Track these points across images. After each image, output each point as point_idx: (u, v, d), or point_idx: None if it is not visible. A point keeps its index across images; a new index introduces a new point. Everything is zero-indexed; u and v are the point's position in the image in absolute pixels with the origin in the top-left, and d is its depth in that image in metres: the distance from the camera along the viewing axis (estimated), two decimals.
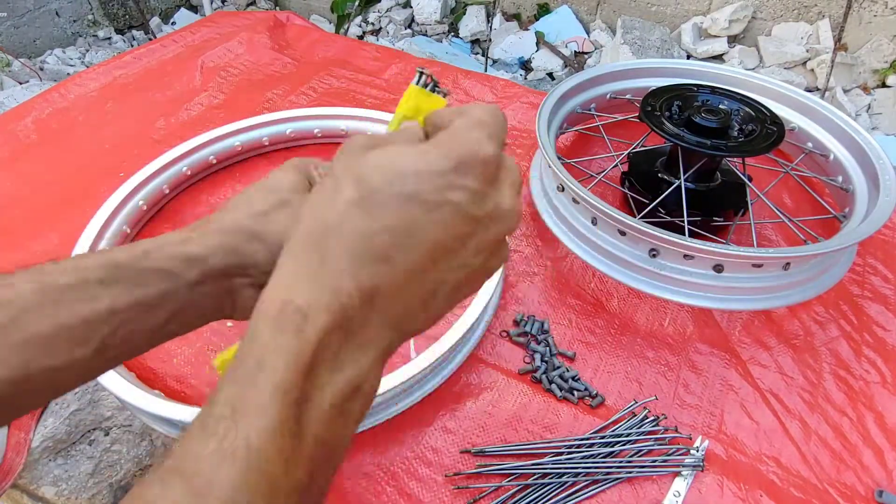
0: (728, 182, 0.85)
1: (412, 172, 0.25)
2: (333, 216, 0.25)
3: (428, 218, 0.25)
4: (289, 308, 0.24)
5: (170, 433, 0.64)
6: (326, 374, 0.24)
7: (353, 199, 0.25)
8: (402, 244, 0.25)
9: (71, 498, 0.73)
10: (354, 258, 0.24)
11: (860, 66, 2.26)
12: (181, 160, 0.90)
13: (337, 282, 0.24)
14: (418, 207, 0.25)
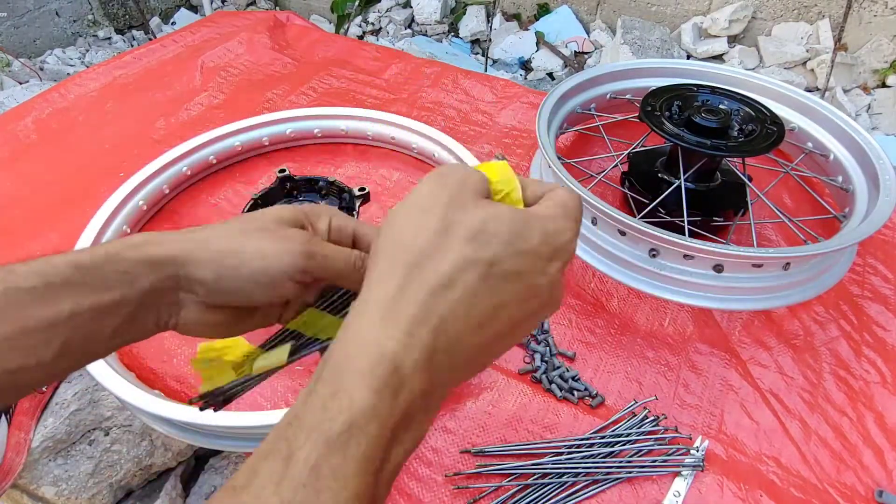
0: (728, 182, 0.85)
1: (529, 250, 0.26)
2: (447, 270, 0.25)
3: (525, 295, 0.26)
4: (386, 366, 0.23)
5: (170, 433, 0.64)
6: (404, 435, 0.24)
7: (471, 259, 0.25)
8: (498, 316, 0.26)
9: (71, 498, 0.73)
10: (456, 321, 0.24)
11: (860, 66, 2.26)
12: (181, 160, 0.90)
13: (435, 342, 0.24)
14: (523, 286, 0.26)
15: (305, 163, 1.00)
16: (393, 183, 0.96)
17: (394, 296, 0.25)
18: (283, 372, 0.70)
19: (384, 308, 0.24)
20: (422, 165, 0.99)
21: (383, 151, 1.02)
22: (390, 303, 0.24)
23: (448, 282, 0.25)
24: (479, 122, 1.10)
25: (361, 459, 0.22)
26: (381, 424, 0.22)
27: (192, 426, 0.62)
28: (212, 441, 0.63)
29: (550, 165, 0.76)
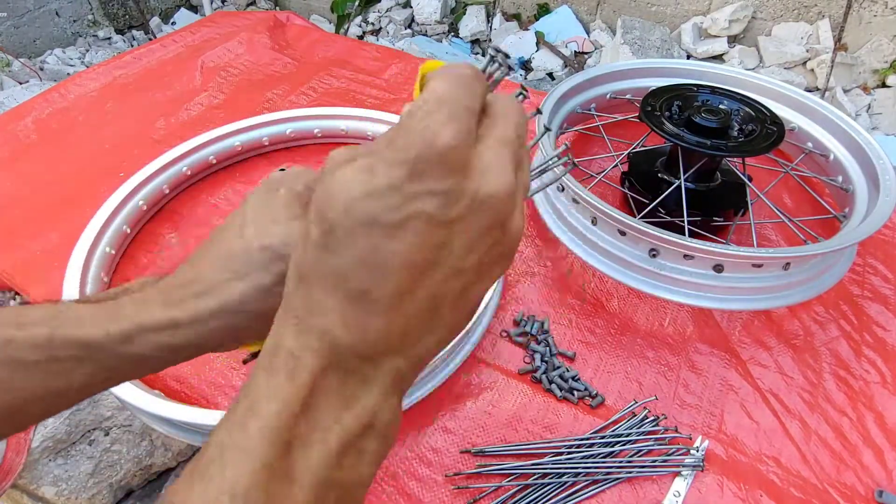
0: (728, 182, 0.85)
1: (362, 195, 0.22)
2: (308, 261, 0.23)
3: (394, 240, 0.22)
4: (280, 352, 0.23)
5: (169, 433, 0.64)
6: (330, 414, 0.23)
7: (318, 241, 0.23)
8: (376, 274, 0.22)
9: (71, 498, 0.73)
10: (335, 298, 0.23)
11: (860, 66, 2.26)
12: (181, 160, 0.90)
13: (323, 323, 0.23)
14: (380, 232, 0.22)
15: (305, 162, 1.00)
16: None
17: (285, 297, 0.24)
18: None
19: (280, 311, 0.24)
20: None
21: None
22: (283, 305, 0.24)
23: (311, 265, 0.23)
24: None
25: (261, 433, 0.21)
26: (280, 403, 0.22)
27: (192, 426, 0.62)
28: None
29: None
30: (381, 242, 0.22)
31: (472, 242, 0.23)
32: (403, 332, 0.24)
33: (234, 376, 0.69)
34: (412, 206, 0.22)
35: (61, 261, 0.74)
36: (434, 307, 0.24)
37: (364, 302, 0.23)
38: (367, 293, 0.23)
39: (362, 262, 0.22)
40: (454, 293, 0.24)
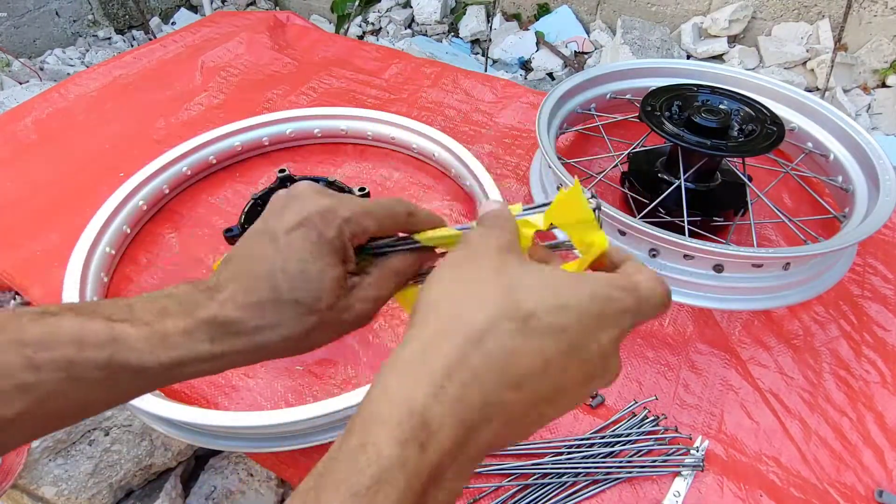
0: (728, 182, 0.85)
1: (572, 310, 0.25)
2: (479, 324, 0.24)
3: (570, 356, 0.25)
4: (414, 419, 0.22)
5: (169, 433, 0.64)
6: (436, 491, 0.23)
7: (507, 312, 0.24)
8: (539, 375, 0.24)
9: (71, 498, 0.73)
10: (489, 374, 0.23)
11: (860, 66, 2.26)
12: (181, 160, 0.90)
13: (466, 395, 0.23)
14: (566, 344, 0.24)
15: (306, 162, 1.00)
16: (393, 183, 0.96)
17: (424, 349, 0.24)
18: (282, 372, 0.70)
19: (414, 361, 0.24)
20: (422, 165, 0.99)
21: (383, 151, 1.02)
22: (420, 356, 0.24)
23: (480, 334, 0.24)
24: (479, 122, 1.10)
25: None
26: (409, 477, 0.22)
27: (193, 426, 0.62)
28: (212, 441, 0.63)
29: (550, 165, 0.76)
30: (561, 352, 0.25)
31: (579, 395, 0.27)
32: (516, 430, 0.25)
33: (234, 376, 0.69)
34: (588, 349, 0.25)
35: (61, 261, 0.74)
36: (541, 419, 0.26)
37: (513, 391, 0.24)
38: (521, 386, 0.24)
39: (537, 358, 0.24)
40: (552, 417, 0.27)
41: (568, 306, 0.25)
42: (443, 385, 0.23)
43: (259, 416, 0.58)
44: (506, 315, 0.24)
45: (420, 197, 0.94)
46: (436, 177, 0.97)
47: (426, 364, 0.24)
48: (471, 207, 0.91)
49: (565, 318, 0.25)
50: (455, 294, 0.26)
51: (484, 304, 0.25)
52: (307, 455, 0.64)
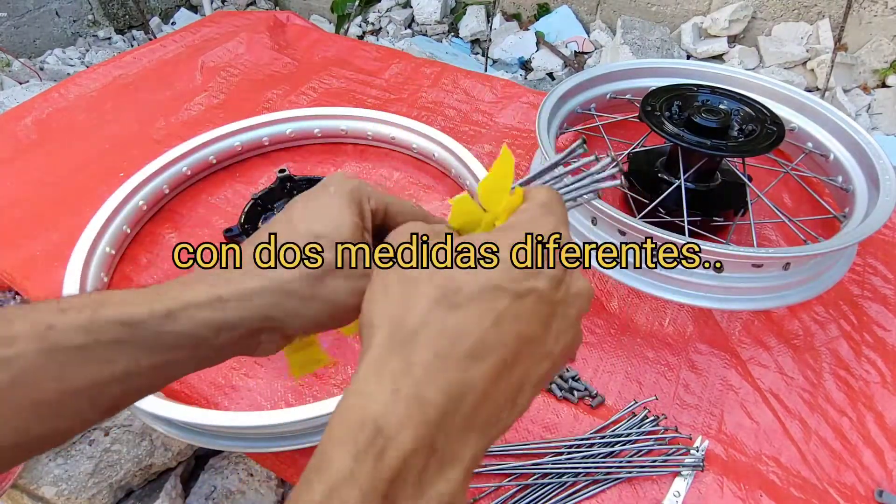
0: (728, 182, 0.85)
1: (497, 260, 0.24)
2: (415, 316, 0.23)
3: (515, 308, 0.24)
4: (367, 428, 0.22)
5: (169, 433, 0.64)
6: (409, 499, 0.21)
7: (436, 296, 0.24)
8: (491, 339, 0.23)
9: (71, 498, 0.73)
10: (440, 360, 0.23)
11: (860, 66, 2.26)
12: (181, 160, 0.90)
13: (421, 391, 0.22)
14: (505, 298, 0.24)
15: (306, 163, 1.00)
16: (393, 182, 0.96)
17: (375, 363, 0.23)
18: (282, 372, 0.70)
19: (368, 378, 0.23)
20: (421, 165, 0.99)
21: (383, 151, 1.02)
22: (373, 370, 0.23)
23: (420, 323, 0.23)
24: (479, 122, 1.10)
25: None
26: (363, 489, 0.21)
27: (193, 426, 0.62)
28: (212, 441, 0.63)
29: None
30: (504, 307, 0.24)
31: (563, 328, 0.26)
32: (494, 407, 0.24)
33: (234, 376, 0.69)
34: (530, 282, 0.24)
35: (61, 261, 0.74)
36: (521, 386, 0.25)
37: (471, 367, 0.23)
38: (476, 356, 0.23)
39: (481, 324, 0.23)
40: (537, 377, 0.26)
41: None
42: (395, 388, 0.22)
43: (259, 416, 0.58)
44: (436, 298, 0.24)
45: (420, 197, 0.94)
46: (436, 177, 0.97)
47: (379, 375, 0.23)
48: None
49: (492, 273, 0.24)
50: (387, 305, 0.25)
51: (414, 298, 0.24)
52: (307, 455, 0.64)
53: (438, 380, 0.22)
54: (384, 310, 0.25)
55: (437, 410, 0.22)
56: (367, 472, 0.21)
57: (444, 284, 0.24)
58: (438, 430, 0.22)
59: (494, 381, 0.23)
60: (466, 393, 0.23)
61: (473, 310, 0.23)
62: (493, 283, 0.24)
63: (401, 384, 0.22)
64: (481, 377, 0.23)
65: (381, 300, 0.25)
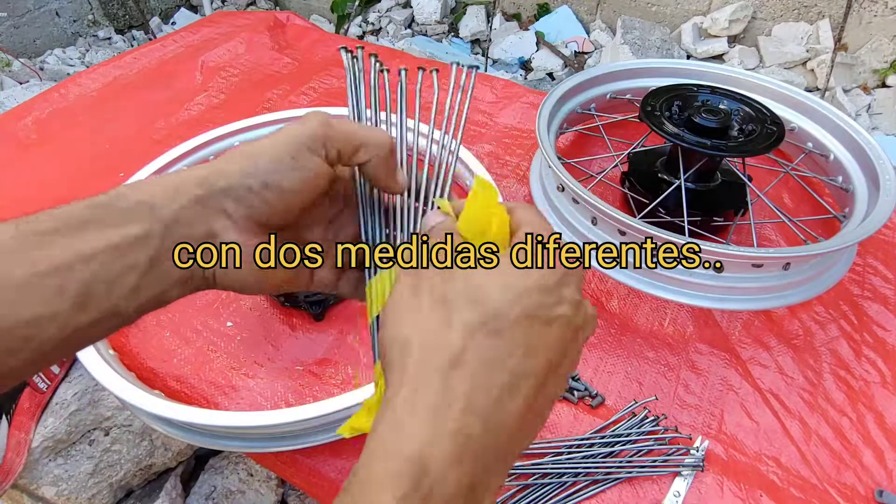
0: (728, 182, 0.85)
1: (530, 289, 0.24)
2: (455, 341, 0.23)
3: (545, 335, 0.24)
4: (412, 468, 0.21)
5: (169, 433, 0.64)
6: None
7: (475, 323, 0.23)
8: (526, 369, 0.24)
9: (71, 498, 0.73)
10: (482, 392, 0.23)
11: (860, 66, 2.26)
12: (181, 160, 0.90)
13: (465, 426, 0.22)
14: (540, 325, 0.24)
15: None
16: None
17: (409, 391, 0.23)
18: (282, 372, 0.70)
19: (402, 406, 0.23)
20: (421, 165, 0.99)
21: None
22: (408, 399, 0.23)
23: (458, 355, 0.23)
24: (479, 122, 1.10)
25: None
26: None
27: (193, 426, 0.62)
28: (212, 441, 0.63)
29: (550, 165, 0.76)
30: (539, 334, 0.24)
31: (577, 350, 0.27)
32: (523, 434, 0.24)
33: (234, 376, 0.69)
34: (560, 308, 0.25)
35: None
36: (542, 411, 0.26)
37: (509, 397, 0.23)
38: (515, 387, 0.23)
39: (521, 352, 0.23)
40: (554, 398, 0.26)
41: (526, 289, 0.24)
42: (436, 423, 0.22)
43: (259, 416, 0.58)
44: (475, 325, 0.24)
45: None
46: None
47: (414, 405, 0.23)
48: None
49: (531, 300, 0.24)
50: (421, 324, 0.25)
51: (451, 322, 0.24)
52: (307, 455, 0.64)
53: (480, 413, 0.22)
54: (417, 329, 0.24)
55: (480, 445, 0.22)
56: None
57: (485, 310, 0.24)
58: (479, 464, 0.22)
59: (525, 413, 0.24)
60: (503, 427, 0.23)
61: (515, 338, 0.23)
62: (530, 310, 0.24)
63: (443, 418, 0.22)
64: (517, 409, 0.23)
65: (412, 318, 0.25)
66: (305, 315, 0.75)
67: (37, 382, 0.72)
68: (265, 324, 0.75)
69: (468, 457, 0.22)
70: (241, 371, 0.70)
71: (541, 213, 0.29)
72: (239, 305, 0.77)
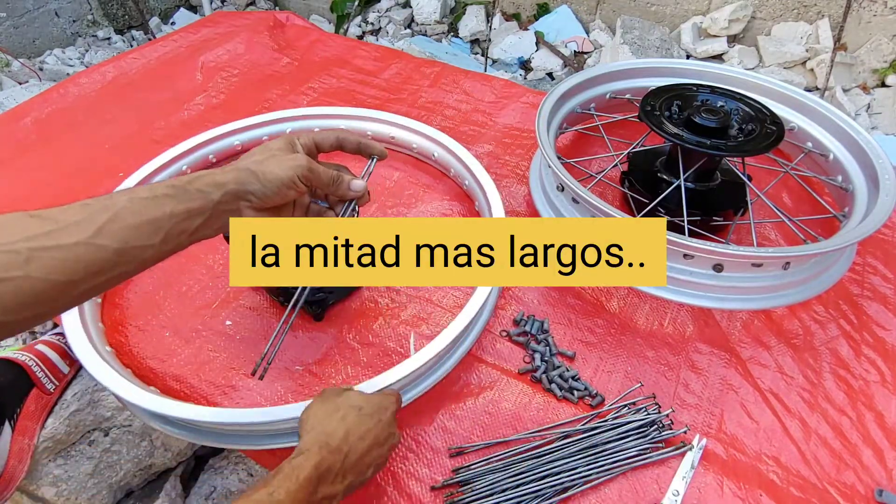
0: (728, 182, 0.85)
1: (377, 405, 0.56)
2: (341, 427, 0.52)
3: (381, 427, 0.54)
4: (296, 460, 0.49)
5: (167, 430, 0.64)
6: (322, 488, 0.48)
7: (352, 407, 0.54)
8: (363, 439, 0.52)
9: (70, 498, 0.73)
10: (343, 442, 0.51)
11: (860, 66, 2.26)
12: (180, 159, 0.91)
13: (326, 450, 0.49)
14: (381, 423, 0.54)
15: None
16: (393, 183, 0.96)
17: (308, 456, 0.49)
18: (282, 372, 0.70)
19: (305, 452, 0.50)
20: (421, 165, 0.99)
21: None
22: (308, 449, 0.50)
23: (338, 430, 0.52)
24: (479, 122, 1.10)
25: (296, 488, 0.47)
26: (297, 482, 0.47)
27: (191, 423, 0.62)
28: (212, 439, 0.63)
29: (550, 165, 0.76)
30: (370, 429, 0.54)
31: (385, 451, 0.55)
32: (359, 467, 0.52)
33: (233, 376, 0.69)
34: (383, 426, 0.55)
35: None
36: (369, 465, 0.53)
37: (354, 447, 0.51)
38: (356, 444, 0.52)
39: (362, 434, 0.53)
40: (375, 464, 0.54)
41: (376, 403, 0.56)
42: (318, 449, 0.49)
43: (257, 412, 0.58)
44: (350, 407, 0.54)
45: (420, 196, 0.94)
46: (436, 176, 0.97)
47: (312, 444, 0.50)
48: (470, 206, 0.91)
49: (375, 408, 0.55)
50: (321, 413, 0.54)
51: (337, 408, 0.54)
52: None
53: (337, 449, 0.51)
54: (320, 421, 0.53)
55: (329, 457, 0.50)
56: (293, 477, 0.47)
57: (353, 415, 0.53)
58: (329, 466, 0.49)
59: (360, 456, 0.52)
60: (347, 456, 0.51)
61: (362, 428, 0.53)
62: (370, 422, 0.54)
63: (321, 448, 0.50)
64: (354, 453, 0.51)
65: (322, 415, 0.54)
66: (305, 315, 0.75)
67: (44, 383, 0.72)
68: (265, 323, 0.75)
69: (323, 459, 0.49)
70: (241, 371, 0.70)
71: None
72: (238, 305, 0.77)
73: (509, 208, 0.92)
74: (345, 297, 0.78)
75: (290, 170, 0.51)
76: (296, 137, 0.56)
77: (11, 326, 0.39)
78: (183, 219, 0.46)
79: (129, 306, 0.77)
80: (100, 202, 0.43)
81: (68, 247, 0.40)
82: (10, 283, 0.37)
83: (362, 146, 0.60)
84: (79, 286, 0.41)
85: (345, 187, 0.57)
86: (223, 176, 0.49)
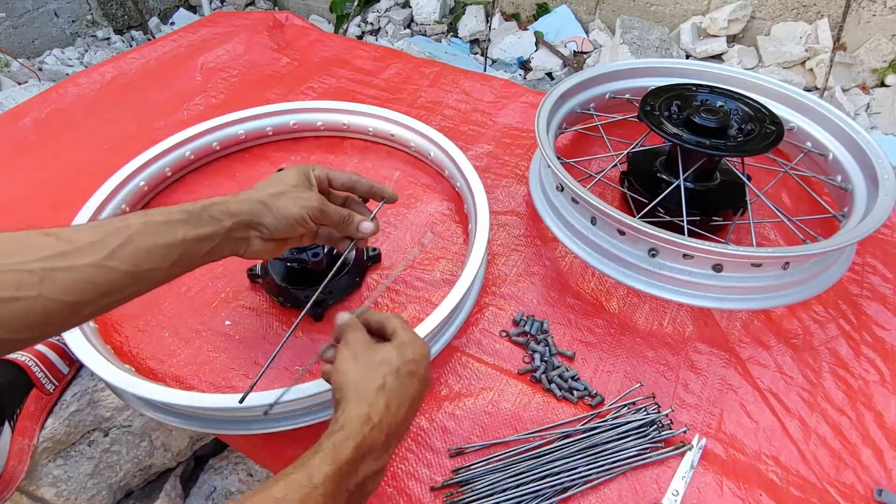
0: (727, 182, 0.85)
1: (413, 360, 0.50)
2: (381, 397, 0.46)
3: (419, 384, 0.49)
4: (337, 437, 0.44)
5: (158, 417, 0.64)
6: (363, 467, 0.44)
7: (390, 371, 0.48)
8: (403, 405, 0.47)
9: (70, 499, 0.73)
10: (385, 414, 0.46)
11: (859, 66, 2.26)
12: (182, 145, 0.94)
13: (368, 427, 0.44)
14: (418, 380, 0.49)
15: (306, 161, 1.00)
16: (393, 182, 0.96)
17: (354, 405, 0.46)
18: (282, 372, 0.70)
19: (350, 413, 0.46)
20: (421, 165, 0.99)
21: (384, 150, 1.02)
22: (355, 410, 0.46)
23: (382, 384, 0.47)
24: (479, 122, 1.10)
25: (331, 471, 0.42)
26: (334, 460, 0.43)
27: (189, 409, 0.63)
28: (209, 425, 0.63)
29: (550, 165, 0.76)
30: (415, 384, 0.49)
31: (424, 396, 0.51)
32: (401, 429, 0.48)
33: (232, 376, 0.69)
34: (423, 373, 0.50)
35: None
36: (409, 421, 0.49)
37: (398, 410, 0.47)
38: (400, 406, 0.47)
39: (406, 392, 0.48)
40: (415, 414, 0.50)
41: (411, 358, 0.49)
42: (362, 416, 0.45)
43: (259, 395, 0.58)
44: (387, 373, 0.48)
45: (420, 196, 0.94)
46: (435, 177, 0.97)
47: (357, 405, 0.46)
48: (461, 209, 0.91)
49: (416, 366, 0.49)
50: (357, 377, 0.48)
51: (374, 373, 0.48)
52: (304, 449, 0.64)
53: (382, 415, 0.46)
54: (357, 380, 0.47)
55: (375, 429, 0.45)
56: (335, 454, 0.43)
57: (394, 366, 0.48)
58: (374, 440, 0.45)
59: (404, 418, 0.47)
60: (393, 422, 0.46)
61: (407, 384, 0.48)
62: (414, 370, 0.49)
63: (366, 415, 0.45)
64: (399, 416, 0.47)
65: (355, 372, 0.48)
66: (305, 315, 0.75)
67: (44, 384, 0.72)
68: (264, 324, 0.75)
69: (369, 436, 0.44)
70: (241, 371, 0.70)
71: None
72: (238, 305, 0.77)
73: (509, 208, 0.92)
74: (344, 298, 0.78)
75: (303, 209, 0.53)
76: (311, 168, 0.58)
77: (16, 345, 0.39)
78: (194, 243, 0.47)
79: (128, 306, 0.77)
80: (113, 224, 0.44)
81: (81, 268, 0.40)
82: (23, 302, 0.37)
83: (374, 190, 0.62)
84: (87, 307, 0.41)
85: (353, 228, 0.59)
86: (237, 205, 0.51)
